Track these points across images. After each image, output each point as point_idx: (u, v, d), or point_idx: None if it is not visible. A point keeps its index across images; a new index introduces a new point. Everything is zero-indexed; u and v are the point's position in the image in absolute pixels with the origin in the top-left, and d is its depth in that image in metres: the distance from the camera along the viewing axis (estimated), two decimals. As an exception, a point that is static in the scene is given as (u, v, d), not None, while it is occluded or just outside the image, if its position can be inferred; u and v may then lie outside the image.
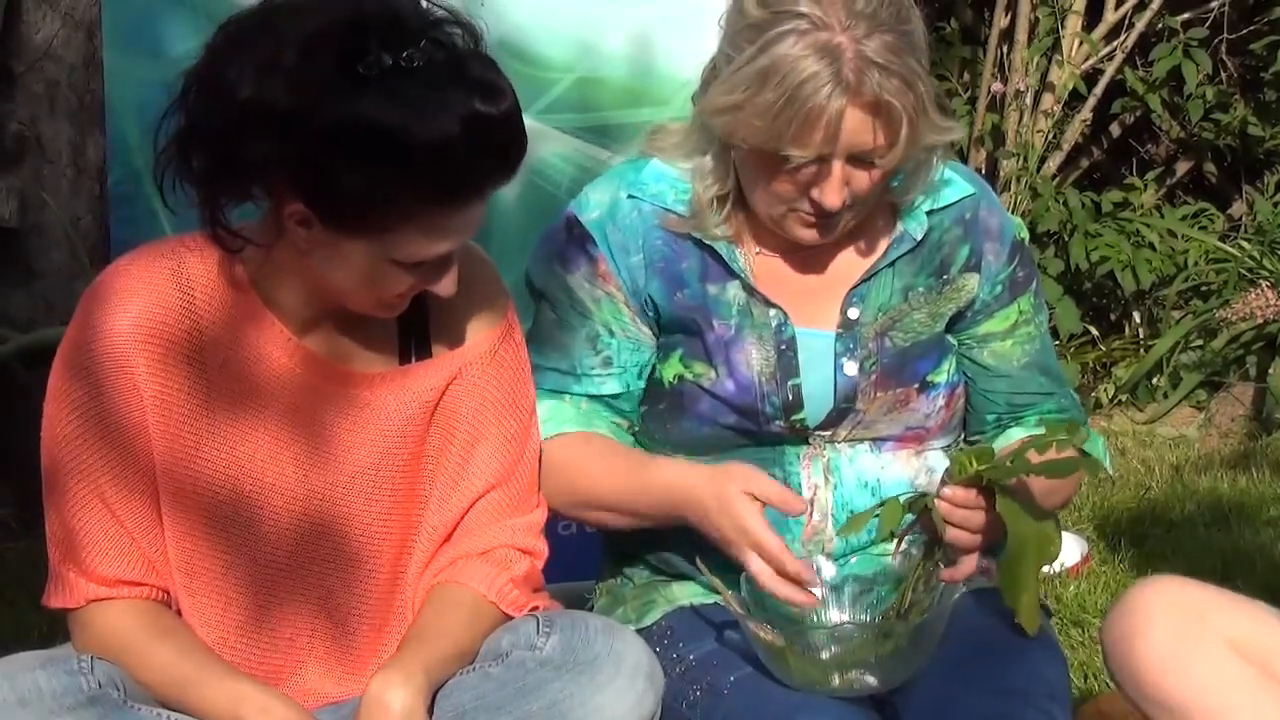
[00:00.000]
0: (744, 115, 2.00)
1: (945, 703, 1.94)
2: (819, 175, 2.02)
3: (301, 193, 1.83)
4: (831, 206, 2.03)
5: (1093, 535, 3.45)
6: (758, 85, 1.98)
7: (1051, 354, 2.31)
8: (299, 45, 1.78)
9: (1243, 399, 4.93)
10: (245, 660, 1.99)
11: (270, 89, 1.77)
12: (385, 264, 1.87)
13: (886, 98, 1.96)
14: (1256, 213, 5.54)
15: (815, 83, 1.95)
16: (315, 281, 1.92)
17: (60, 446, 1.93)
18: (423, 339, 2.04)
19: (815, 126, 1.97)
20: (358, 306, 1.95)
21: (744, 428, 2.16)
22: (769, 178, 2.06)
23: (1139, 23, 5.53)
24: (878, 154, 2.01)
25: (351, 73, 1.77)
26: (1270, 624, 1.96)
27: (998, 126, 5.53)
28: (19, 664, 1.88)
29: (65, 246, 4.14)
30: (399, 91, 1.77)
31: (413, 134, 1.77)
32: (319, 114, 1.77)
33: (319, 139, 1.77)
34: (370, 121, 1.76)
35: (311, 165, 1.80)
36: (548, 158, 3.20)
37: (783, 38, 1.97)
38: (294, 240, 1.88)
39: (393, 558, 2.05)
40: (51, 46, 4.12)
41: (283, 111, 1.77)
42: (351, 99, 1.76)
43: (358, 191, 1.80)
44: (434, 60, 1.79)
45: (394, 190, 1.80)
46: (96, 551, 1.93)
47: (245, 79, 1.79)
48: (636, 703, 1.97)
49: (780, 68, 1.96)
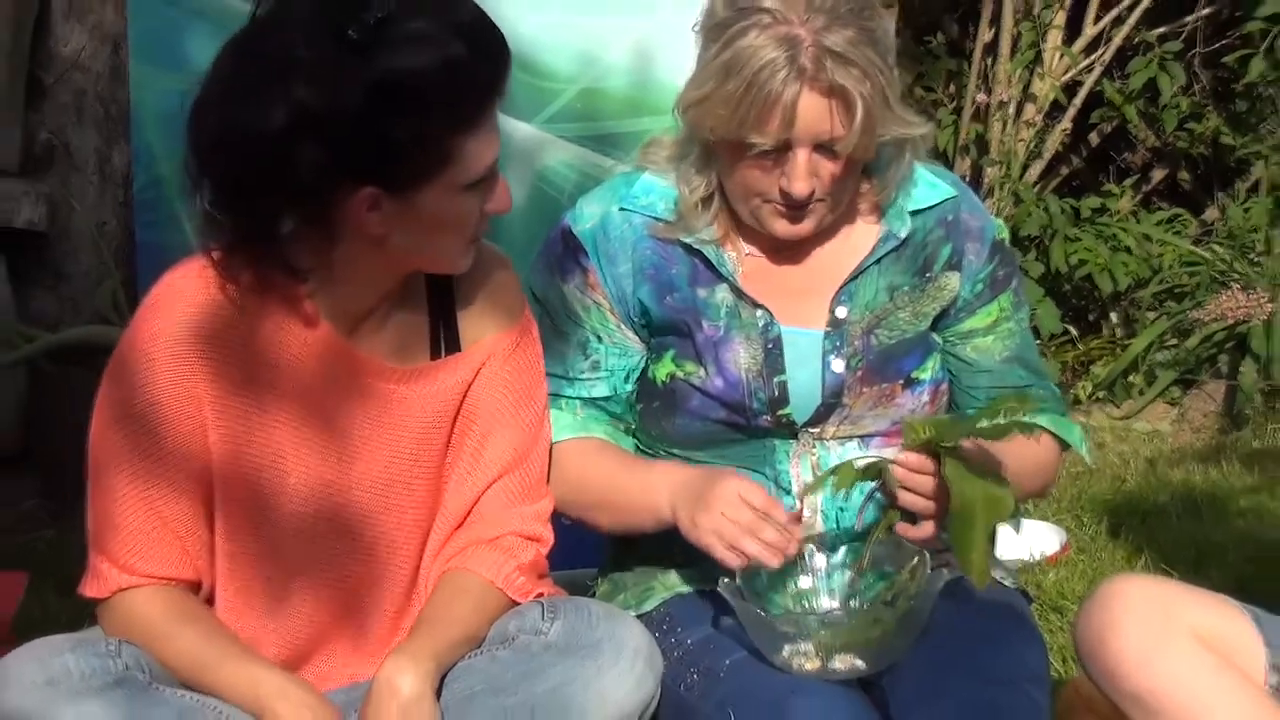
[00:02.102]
0: (710, 105, 2.02)
1: (931, 685, 1.94)
2: (784, 162, 2.03)
3: (363, 175, 1.84)
4: (799, 194, 2.04)
5: (1071, 525, 3.46)
6: (722, 76, 2.00)
7: (1032, 348, 2.31)
8: (295, 45, 1.80)
9: (1215, 396, 4.93)
10: (271, 642, 2.01)
11: (294, 97, 1.78)
12: (457, 196, 1.90)
13: (841, 82, 1.98)
14: (1228, 218, 5.54)
15: (772, 68, 1.97)
16: (395, 263, 1.95)
17: (110, 447, 1.94)
18: (451, 336, 2.06)
19: (773, 112, 1.99)
20: (448, 262, 1.99)
21: (733, 422, 2.16)
22: (739, 167, 2.07)
23: (1116, 37, 5.53)
24: (837, 141, 2.02)
25: (350, 44, 1.79)
26: (1233, 616, 1.96)
27: (982, 135, 5.54)
28: (49, 647, 1.89)
29: (92, 250, 4.14)
30: (396, 39, 1.80)
31: (427, 67, 1.81)
32: (350, 94, 1.79)
33: (357, 113, 1.79)
34: (391, 75, 1.79)
35: (362, 140, 1.81)
36: (552, 165, 3.20)
37: (745, 31, 1.99)
38: (366, 232, 1.89)
39: (416, 546, 2.07)
40: (79, 58, 4.13)
41: (314, 111, 1.78)
42: (364, 66, 1.79)
43: (410, 139, 1.83)
44: (395, 8, 1.82)
45: (436, 121, 1.83)
46: (131, 545, 1.94)
47: (266, 107, 1.80)
48: (636, 685, 1.98)
49: (742, 58, 1.98)
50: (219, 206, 1.87)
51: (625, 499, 2.14)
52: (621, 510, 2.15)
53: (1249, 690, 1.91)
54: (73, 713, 1.82)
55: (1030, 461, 2.19)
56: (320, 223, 1.88)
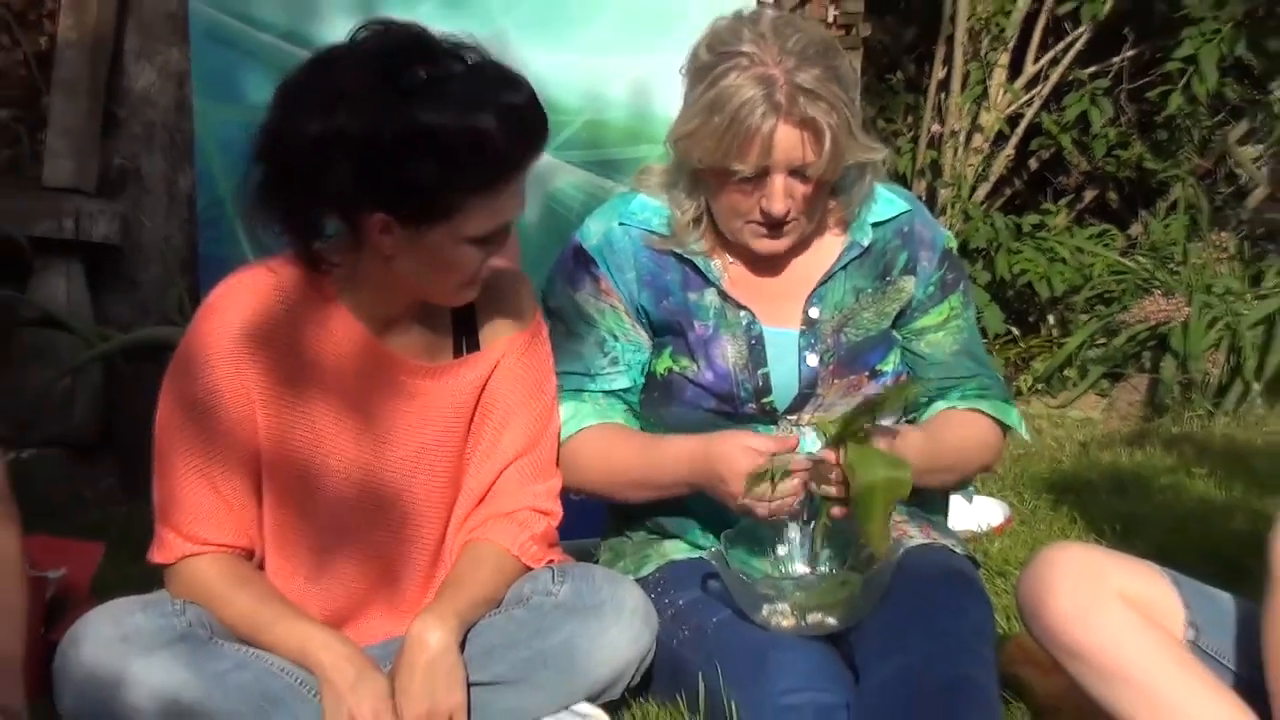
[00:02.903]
0: (698, 138, 2.02)
1: (892, 640, 1.94)
2: (763, 186, 2.03)
3: (380, 202, 1.83)
4: (777, 213, 2.04)
5: (1014, 500, 3.45)
6: (707, 113, 2.00)
7: (978, 342, 2.31)
8: (349, 78, 1.79)
9: (1139, 388, 4.93)
10: (316, 604, 2.00)
11: (336, 120, 1.78)
12: (459, 245, 1.87)
13: (811, 115, 1.98)
14: (1150, 233, 5.55)
15: (751, 105, 1.97)
16: (401, 282, 1.93)
17: (173, 431, 1.94)
18: (471, 337, 2.05)
19: (753, 142, 1.98)
20: (440, 295, 1.96)
21: (722, 410, 2.16)
22: (723, 191, 2.07)
23: (1053, 75, 5.54)
24: (809, 166, 2.02)
25: (398, 90, 1.78)
26: (1155, 580, 1.96)
27: (936, 161, 5.54)
28: (121, 607, 1.89)
29: (160, 261, 4.14)
30: (439, 97, 1.78)
31: (459, 128, 1.79)
32: (381, 129, 1.77)
33: (385, 149, 1.78)
34: (423, 125, 1.78)
35: (384, 173, 1.80)
36: (562, 187, 3.20)
37: (727, 73, 1.99)
38: (380, 250, 1.88)
39: (442, 519, 2.06)
40: (149, 94, 4.12)
41: (351, 136, 1.78)
42: (404, 111, 1.77)
43: (425, 185, 1.81)
44: (459, 69, 1.82)
45: (453, 177, 1.81)
46: (193, 517, 1.94)
47: (313, 119, 1.79)
48: (634, 640, 1.99)
49: (724, 96, 1.98)
50: (266, 192, 1.86)
51: (651, 474, 2.13)
52: (649, 485, 2.14)
53: (1169, 644, 1.91)
54: (143, 664, 1.82)
55: (973, 441, 2.21)
56: (350, 228, 1.88)
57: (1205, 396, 4.68)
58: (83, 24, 4.04)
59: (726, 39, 2.03)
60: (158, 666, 1.82)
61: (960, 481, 2.31)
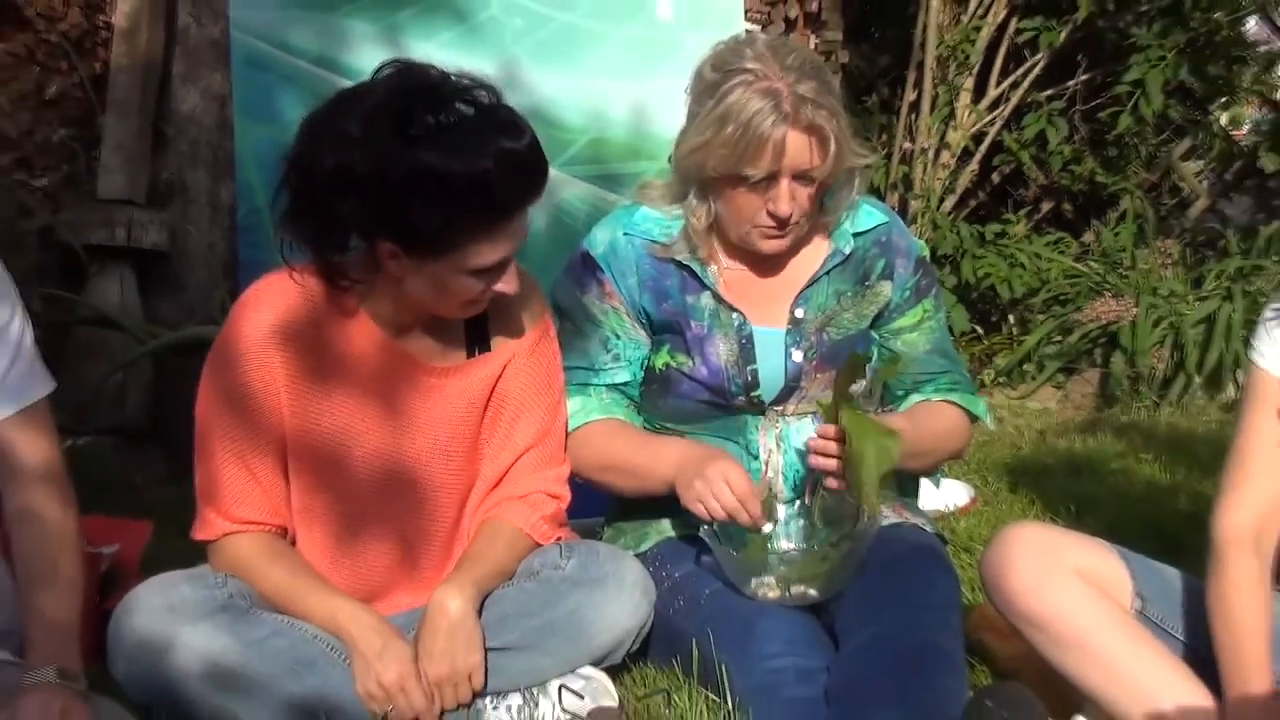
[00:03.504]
0: (711, 149, 2.01)
1: (867, 610, 1.94)
2: (771, 190, 2.02)
3: (388, 233, 1.81)
4: (785, 214, 2.04)
5: (978, 483, 3.45)
6: (719, 125, 1.99)
7: (948, 341, 2.31)
8: (362, 121, 1.76)
9: (1091, 381, 4.93)
10: (344, 578, 2.00)
11: (348, 158, 1.76)
12: (459, 276, 1.85)
13: (819, 122, 1.98)
14: (1101, 241, 5.54)
15: (762, 115, 1.96)
16: (410, 299, 1.91)
17: (210, 419, 1.93)
18: (483, 339, 2.03)
19: (765, 149, 1.98)
20: (446, 312, 1.94)
21: (714, 402, 2.16)
22: (734, 197, 2.06)
23: (1014, 97, 5.53)
24: (815, 169, 2.02)
25: (406, 134, 1.75)
26: (1106, 555, 1.96)
27: (907, 175, 5.53)
28: (169, 580, 1.89)
29: (204, 266, 4.13)
30: (443, 142, 1.75)
31: (459, 173, 1.75)
32: (387, 171, 1.75)
33: (391, 189, 1.76)
34: (426, 169, 1.74)
35: (389, 210, 1.78)
36: (568, 198, 3.19)
37: (734, 89, 1.98)
38: (390, 271, 1.87)
39: (457, 502, 2.05)
40: (194, 114, 4.12)
41: (361, 174, 1.76)
42: (409, 155, 1.74)
43: (427, 224, 1.79)
44: (466, 115, 1.78)
45: (453, 218, 1.79)
46: (232, 498, 1.93)
47: (328, 155, 1.77)
48: (634, 610, 1.99)
49: (735, 109, 1.97)
50: (291, 214, 1.84)
51: (642, 469, 2.12)
52: (638, 478, 2.13)
53: (1118, 613, 1.91)
54: (189, 631, 1.82)
55: (943, 427, 2.21)
56: (368, 248, 1.86)
57: (1151, 389, 4.69)
58: (134, 51, 4.04)
59: (729, 59, 2.02)
60: (202, 633, 1.82)
61: (934, 465, 2.30)
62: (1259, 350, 1.92)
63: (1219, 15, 5.34)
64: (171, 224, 4.11)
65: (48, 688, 1.62)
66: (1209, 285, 5.03)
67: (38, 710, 1.58)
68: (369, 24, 3.14)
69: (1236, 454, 1.90)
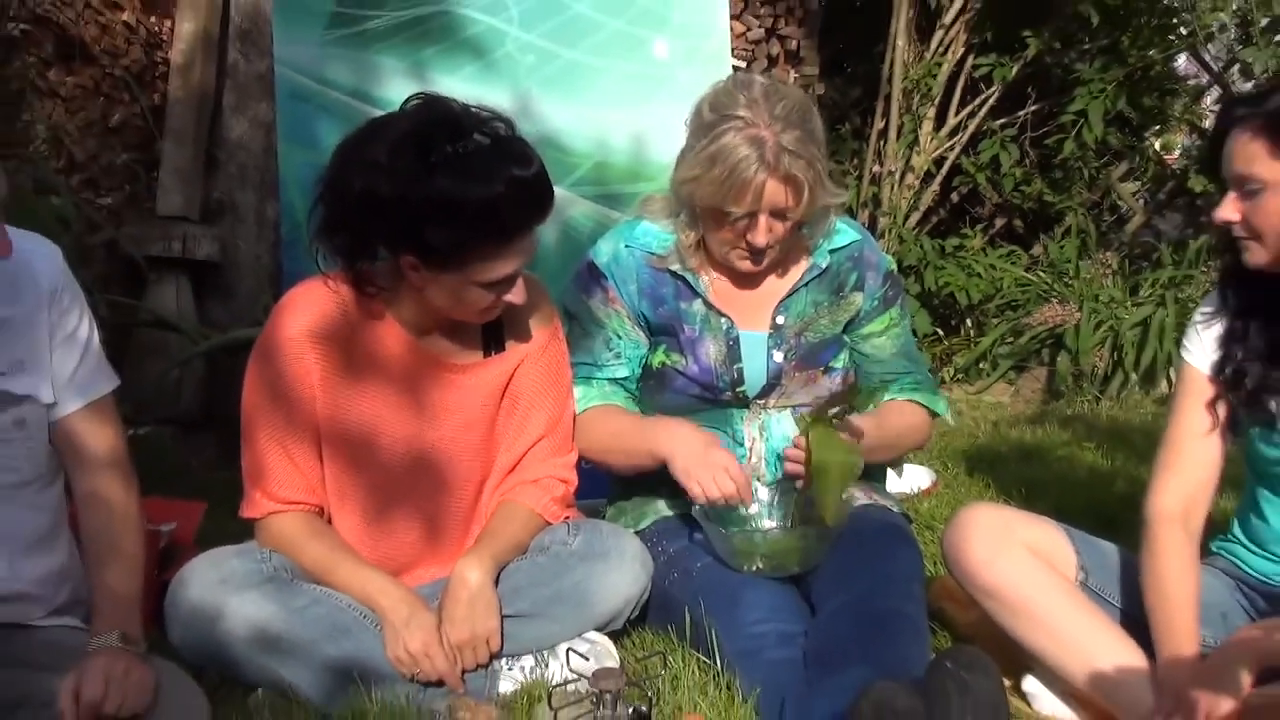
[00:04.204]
0: (700, 184, 2.00)
1: (840, 581, 1.94)
2: (751, 225, 2.02)
3: (409, 248, 1.81)
4: (760, 245, 2.04)
5: (939, 468, 3.44)
6: (708, 164, 1.98)
7: (913, 345, 2.31)
8: (389, 149, 1.76)
9: (1039, 378, 4.93)
10: (374, 552, 1.99)
11: (374, 183, 1.76)
12: (472, 287, 1.85)
13: (795, 172, 1.97)
14: (1049, 253, 5.54)
15: (747, 163, 1.95)
16: (430, 305, 1.91)
17: (254, 409, 1.93)
18: (498, 340, 2.03)
19: (746, 191, 1.97)
20: (463, 317, 1.94)
21: (704, 397, 2.16)
22: (717, 227, 2.06)
23: (971, 125, 5.52)
24: (789, 211, 2.01)
25: (426, 162, 1.74)
26: (1053, 532, 1.96)
27: (876, 195, 5.52)
28: (221, 554, 1.89)
29: (251, 276, 4.13)
30: (460, 170, 1.75)
31: (472, 198, 1.75)
32: (409, 194, 1.75)
33: (411, 210, 1.76)
34: (443, 194, 1.74)
35: (410, 229, 1.78)
36: (575, 215, 3.19)
37: (725, 133, 1.97)
38: (411, 280, 1.87)
39: (476, 485, 2.05)
40: (242, 141, 4.11)
41: (385, 197, 1.76)
42: (428, 181, 1.74)
43: (443, 242, 1.79)
44: (482, 145, 1.77)
45: (466, 237, 1.78)
46: (274, 480, 1.93)
47: (357, 178, 1.77)
48: (634, 581, 1.99)
49: (724, 152, 1.96)
50: (324, 229, 1.84)
51: (634, 446, 2.11)
52: (631, 454, 2.12)
53: (1062, 583, 1.91)
54: (237, 601, 1.82)
55: (905, 424, 2.21)
56: (393, 259, 1.86)
57: (1093, 385, 4.68)
58: (189, 84, 4.03)
59: (725, 102, 2.01)
60: (249, 602, 1.82)
61: (899, 456, 2.31)
62: (1189, 349, 1.92)
63: (1153, 53, 5.34)
64: (222, 238, 4.10)
65: (112, 651, 1.62)
66: (1144, 292, 5.02)
67: (103, 670, 1.58)
68: (398, 60, 3.14)
69: (1168, 442, 1.91)
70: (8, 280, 1.67)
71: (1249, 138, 1.73)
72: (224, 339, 3.76)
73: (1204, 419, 1.88)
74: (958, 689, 1.55)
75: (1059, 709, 1.90)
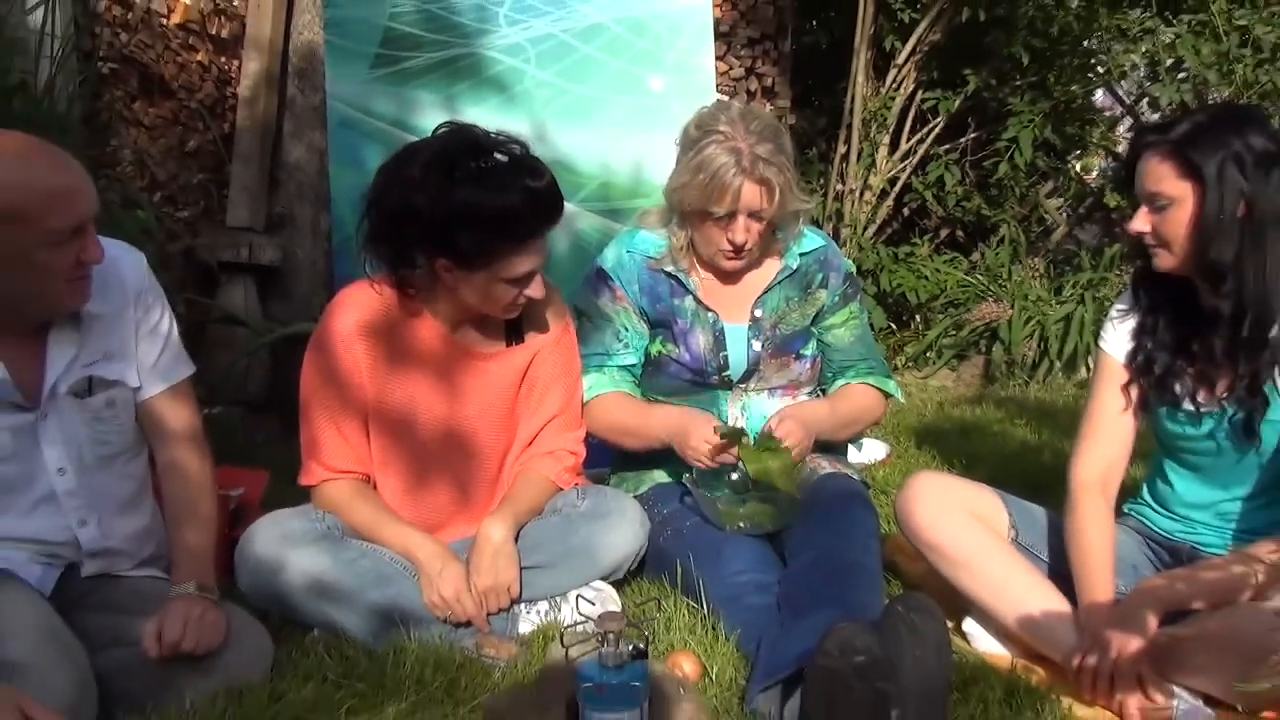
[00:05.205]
0: (688, 190, 2.01)
1: (808, 538, 1.94)
2: (730, 224, 2.02)
3: (442, 252, 1.81)
4: (739, 243, 2.04)
5: (893, 442, 3.44)
6: (695, 172, 1.99)
7: (869, 336, 2.30)
8: (421, 168, 1.78)
9: (977, 365, 4.92)
10: (413, 513, 1.99)
11: (410, 196, 1.77)
12: (498, 284, 1.85)
13: (768, 176, 1.97)
14: (986, 259, 5.52)
15: (726, 169, 1.96)
16: (462, 302, 1.91)
17: (311, 392, 1.94)
18: (519, 333, 2.03)
19: (726, 194, 1.98)
20: (491, 312, 1.93)
21: (695, 381, 2.15)
22: (703, 227, 2.06)
23: (920, 150, 5.50)
24: (764, 211, 2.01)
25: (453, 177, 1.76)
26: (991, 499, 1.96)
27: (839, 210, 5.50)
28: (283, 515, 1.90)
29: (307, 279, 4.11)
30: (481, 183, 1.76)
31: (491, 207, 1.76)
32: (438, 206, 1.76)
33: (441, 219, 1.76)
34: (467, 203, 1.75)
35: (441, 235, 1.78)
36: (583, 228, 3.19)
37: (708, 145, 1.98)
38: (445, 281, 1.86)
39: (499, 456, 2.05)
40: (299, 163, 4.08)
41: (419, 208, 1.76)
42: (455, 193, 1.75)
43: (471, 246, 1.79)
44: (500, 162, 1.79)
45: (490, 241, 1.79)
46: (328, 452, 1.93)
47: (394, 195, 1.78)
48: (633, 538, 1.99)
49: (707, 161, 1.98)
50: (370, 240, 1.84)
51: (641, 430, 2.12)
52: (638, 436, 2.13)
53: (998, 541, 1.91)
54: (296, 554, 1.82)
55: (861, 405, 2.20)
56: (429, 263, 1.85)
57: (1023, 371, 4.68)
58: (254, 115, 4.01)
59: (708, 121, 2.02)
60: (306, 556, 1.82)
61: (858, 433, 2.30)
62: (1106, 340, 1.92)
63: (1075, 88, 5.33)
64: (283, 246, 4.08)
65: (189, 597, 1.62)
66: (1067, 293, 5.01)
67: (181, 614, 1.58)
68: (433, 94, 3.14)
69: (1087, 419, 1.91)
70: (100, 282, 1.66)
71: (1158, 160, 1.73)
72: (284, 332, 3.74)
73: (1118, 400, 1.88)
74: (908, 629, 1.55)
75: (994, 646, 1.90)
